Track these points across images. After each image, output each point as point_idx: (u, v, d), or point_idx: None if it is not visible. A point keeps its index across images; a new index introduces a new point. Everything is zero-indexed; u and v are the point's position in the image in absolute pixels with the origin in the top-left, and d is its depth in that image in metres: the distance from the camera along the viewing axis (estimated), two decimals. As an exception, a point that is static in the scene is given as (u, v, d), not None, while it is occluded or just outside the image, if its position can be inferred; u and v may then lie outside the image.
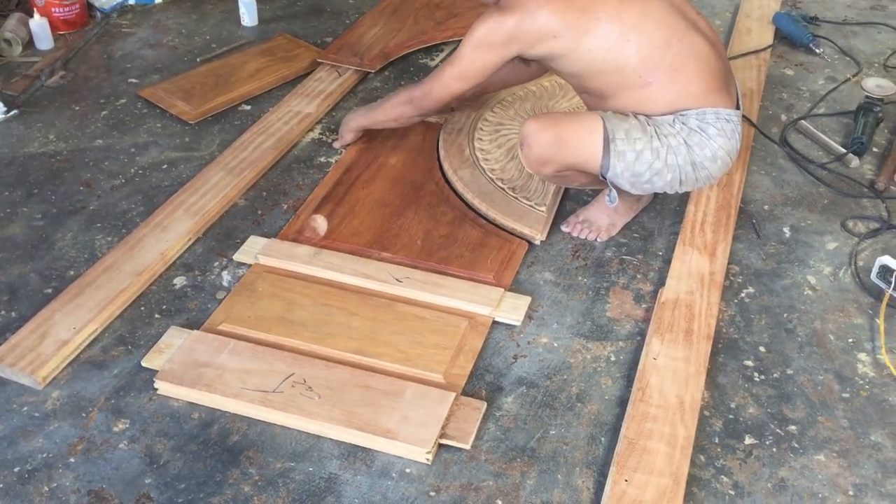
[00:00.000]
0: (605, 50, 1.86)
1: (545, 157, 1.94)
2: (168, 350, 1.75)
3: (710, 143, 1.90)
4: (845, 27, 3.14)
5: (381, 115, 2.27)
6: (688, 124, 1.90)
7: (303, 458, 1.58)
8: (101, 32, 3.01)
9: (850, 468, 1.60)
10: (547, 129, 1.91)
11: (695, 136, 1.89)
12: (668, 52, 1.88)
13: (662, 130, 1.89)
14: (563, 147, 1.91)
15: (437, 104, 2.10)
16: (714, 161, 1.92)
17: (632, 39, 1.86)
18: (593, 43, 1.86)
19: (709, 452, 1.62)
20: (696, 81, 1.90)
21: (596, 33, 1.86)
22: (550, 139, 1.91)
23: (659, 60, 1.88)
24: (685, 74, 1.90)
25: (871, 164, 2.41)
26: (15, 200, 2.21)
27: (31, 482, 1.53)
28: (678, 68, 1.89)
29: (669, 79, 1.89)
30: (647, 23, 1.88)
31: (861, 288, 1.99)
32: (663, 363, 1.74)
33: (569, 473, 1.57)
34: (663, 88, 1.90)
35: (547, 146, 1.91)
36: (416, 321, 1.84)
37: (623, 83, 1.90)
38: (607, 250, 2.09)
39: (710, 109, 1.90)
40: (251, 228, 2.13)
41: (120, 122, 2.54)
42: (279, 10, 3.21)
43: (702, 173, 1.93)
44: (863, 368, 1.80)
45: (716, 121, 1.90)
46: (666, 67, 1.88)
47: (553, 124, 1.93)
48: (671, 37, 1.89)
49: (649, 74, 1.88)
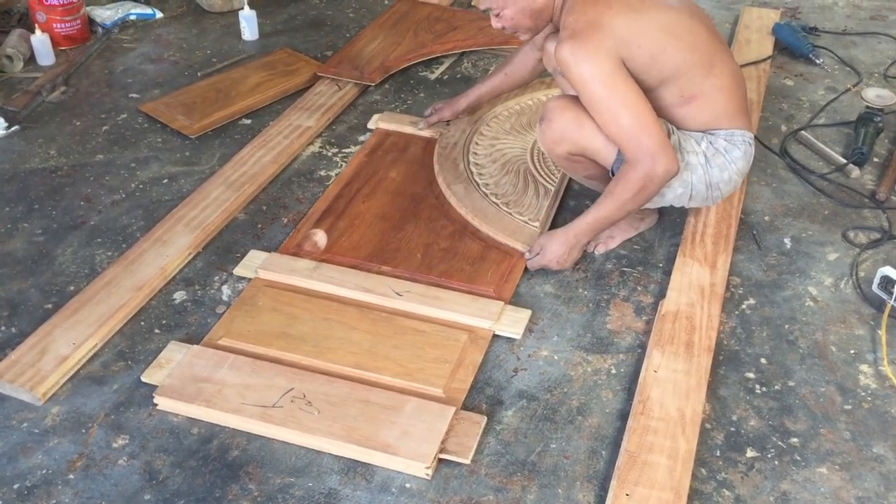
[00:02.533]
0: (659, 66, 1.85)
1: (562, 135, 1.91)
2: (168, 365, 1.75)
3: (730, 167, 1.94)
4: (845, 37, 3.14)
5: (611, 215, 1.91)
6: (715, 144, 1.93)
7: (302, 474, 1.58)
8: (102, 48, 3.02)
9: (853, 481, 1.59)
10: (570, 108, 1.90)
11: (718, 158, 1.92)
12: (711, 72, 1.89)
13: (686, 146, 1.90)
14: (582, 127, 1.88)
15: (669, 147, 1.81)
16: (728, 183, 1.98)
17: (682, 57, 1.85)
18: (652, 58, 1.83)
19: (710, 466, 1.61)
20: (731, 101, 1.93)
21: (656, 47, 1.83)
22: (572, 117, 1.89)
23: (702, 80, 1.89)
24: (724, 95, 1.92)
25: (872, 174, 2.41)
26: (16, 216, 2.22)
27: (30, 499, 1.53)
28: (718, 88, 1.91)
29: (710, 98, 1.91)
30: (694, 41, 1.87)
31: (862, 299, 1.99)
32: (664, 376, 1.73)
33: (569, 487, 1.56)
34: (702, 108, 1.91)
35: (568, 123, 1.89)
36: (416, 335, 1.84)
37: (665, 103, 1.91)
38: (607, 262, 2.08)
39: (737, 131, 1.94)
40: (251, 242, 2.13)
41: (121, 136, 2.55)
42: (279, 25, 3.22)
43: (714, 193, 1.98)
44: (865, 380, 1.79)
45: (742, 143, 1.95)
46: (708, 87, 1.90)
47: (578, 105, 1.88)
48: (714, 56, 1.90)
49: (691, 93, 1.89)
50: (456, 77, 2.88)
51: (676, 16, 1.88)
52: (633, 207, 1.89)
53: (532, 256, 2.01)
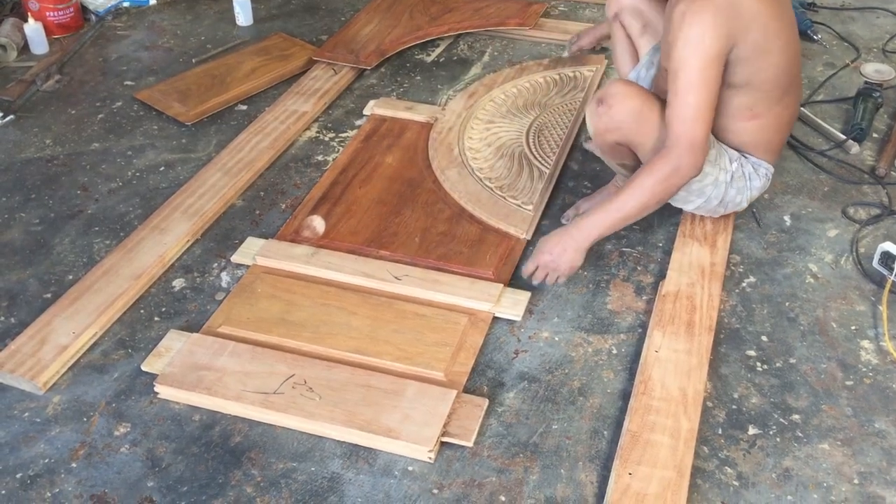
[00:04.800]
0: (755, 67, 1.77)
1: (618, 124, 1.82)
2: (168, 353, 1.75)
3: (745, 192, 1.95)
4: (843, 12, 3.12)
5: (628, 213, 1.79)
6: (744, 168, 1.92)
7: (305, 459, 1.58)
8: (95, 35, 3.00)
9: (855, 456, 1.59)
10: (634, 98, 1.80)
11: (741, 181, 1.92)
12: (782, 100, 1.85)
13: (720, 161, 1.88)
14: (638, 122, 1.81)
15: (707, 144, 1.75)
16: (738, 206, 1.99)
17: (774, 75, 1.79)
18: (764, 58, 1.76)
19: (712, 444, 1.61)
20: (779, 135, 1.92)
21: (765, 48, 1.75)
22: (633, 108, 1.80)
23: (773, 104, 1.84)
24: (780, 126, 1.89)
25: (871, 150, 2.40)
26: (12, 206, 2.21)
27: (33, 488, 1.53)
28: (779, 118, 1.88)
29: (769, 125, 1.87)
30: (789, 64, 1.80)
31: (863, 275, 1.98)
32: (665, 355, 1.73)
33: (572, 468, 1.57)
34: (758, 131, 1.88)
35: (628, 114, 1.80)
36: (416, 319, 1.84)
37: (733, 107, 1.85)
38: (607, 243, 2.08)
39: (765, 163, 1.95)
40: (249, 229, 2.12)
41: (116, 125, 2.54)
42: (274, 9, 3.20)
43: (719, 209, 1.99)
44: (866, 356, 1.79)
45: (764, 175, 1.96)
46: (774, 113, 1.86)
47: (641, 96, 1.81)
48: (791, 85, 1.85)
49: (759, 111, 1.84)
50: (452, 59, 2.86)
51: (790, 28, 1.80)
52: (651, 201, 1.77)
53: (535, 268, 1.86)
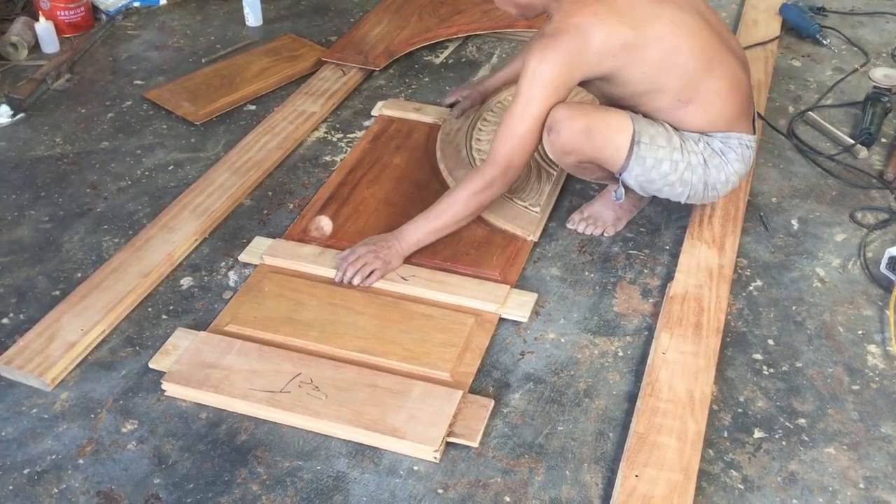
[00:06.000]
0: (653, 72, 1.83)
1: (571, 147, 1.87)
2: (175, 351, 1.76)
3: (726, 168, 1.92)
4: (852, 17, 3.12)
5: (446, 221, 1.94)
6: (711, 145, 1.91)
7: (311, 457, 1.58)
8: (106, 35, 3.02)
9: (861, 461, 1.59)
10: (579, 119, 1.84)
11: (715, 159, 1.91)
12: (708, 76, 1.86)
13: (687, 146, 1.88)
14: (591, 140, 1.85)
15: (521, 170, 1.91)
16: (725, 184, 1.95)
17: (678, 62, 1.83)
18: (644, 65, 1.81)
19: (718, 447, 1.61)
20: (728, 105, 1.90)
21: (648, 54, 1.81)
22: (581, 129, 1.84)
23: (699, 84, 1.85)
24: (721, 99, 1.88)
25: (880, 154, 2.39)
26: (22, 203, 2.22)
27: (40, 483, 1.54)
28: (715, 92, 1.87)
29: (706, 102, 1.87)
30: (692, 45, 1.84)
31: (870, 279, 1.98)
32: (672, 358, 1.73)
33: (577, 469, 1.57)
34: (698, 112, 1.88)
35: (576, 135, 1.85)
36: (423, 319, 1.84)
37: (661, 105, 1.88)
38: (614, 245, 2.08)
39: (734, 134, 1.92)
40: (257, 228, 2.13)
41: (126, 124, 2.55)
42: (283, 10, 3.21)
43: (710, 193, 1.96)
44: (872, 360, 1.79)
45: (738, 146, 1.92)
46: (704, 91, 1.86)
47: (585, 115, 1.85)
48: (712, 59, 1.86)
49: (688, 98, 1.86)
50: (461, 61, 2.86)
51: (674, 21, 1.83)
52: (466, 212, 1.93)
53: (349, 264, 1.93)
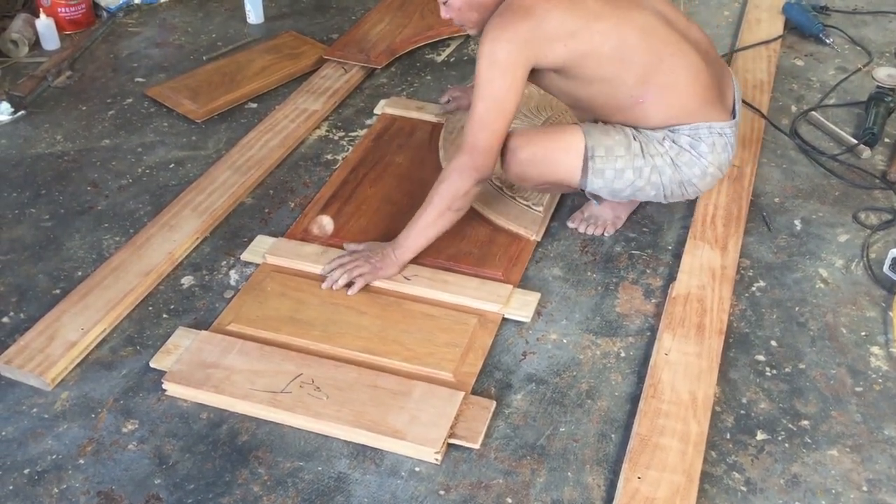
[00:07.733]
0: (605, 66, 1.81)
1: (523, 175, 1.92)
2: (176, 351, 1.75)
3: (699, 162, 1.88)
4: (856, 16, 3.11)
5: (427, 219, 1.89)
6: (678, 142, 1.87)
7: (312, 458, 1.58)
8: (107, 32, 3.01)
9: (864, 463, 1.58)
10: (524, 148, 1.87)
11: (684, 156, 1.87)
12: (659, 69, 1.83)
13: (649, 149, 1.86)
14: (539, 166, 1.88)
15: (493, 156, 1.84)
16: (703, 178, 1.91)
17: (627, 56, 1.81)
18: (596, 58, 1.80)
19: (720, 448, 1.60)
20: (688, 96, 1.86)
21: (598, 48, 1.79)
22: (526, 158, 1.87)
23: (650, 78, 1.83)
24: (677, 90, 1.85)
25: (883, 154, 2.39)
26: (23, 201, 2.22)
27: (40, 484, 1.53)
28: (669, 85, 1.84)
29: (661, 96, 1.85)
30: (641, 39, 1.82)
31: (873, 280, 1.97)
32: (675, 359, 1.72)
33: (579, 471, 1.56)
34: (655, 106, 1.85)
35: (523, 165, 1.88)
36: (425, 319, 1.83)
37: (617, 104, 1.87)
38: (616, 245, 2.07)
39: (703, 124, 1.87)
40: (259, 227, 2.12)
41: (127, 121, 2.54)
42: (285, 8, 3.20)
43: (689, 189, 1.93)
44: (876, 362, 1.78)
45: (708, 136, 1.87)
46: (657, 85, 1.84)
47: (532, 143, 1.88)
48: (662, 51, 1.83)
49: (641, 93, 1.84)
50: (463, 59, 2.86)
51: (622, 18, 1.81)
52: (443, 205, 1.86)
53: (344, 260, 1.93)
